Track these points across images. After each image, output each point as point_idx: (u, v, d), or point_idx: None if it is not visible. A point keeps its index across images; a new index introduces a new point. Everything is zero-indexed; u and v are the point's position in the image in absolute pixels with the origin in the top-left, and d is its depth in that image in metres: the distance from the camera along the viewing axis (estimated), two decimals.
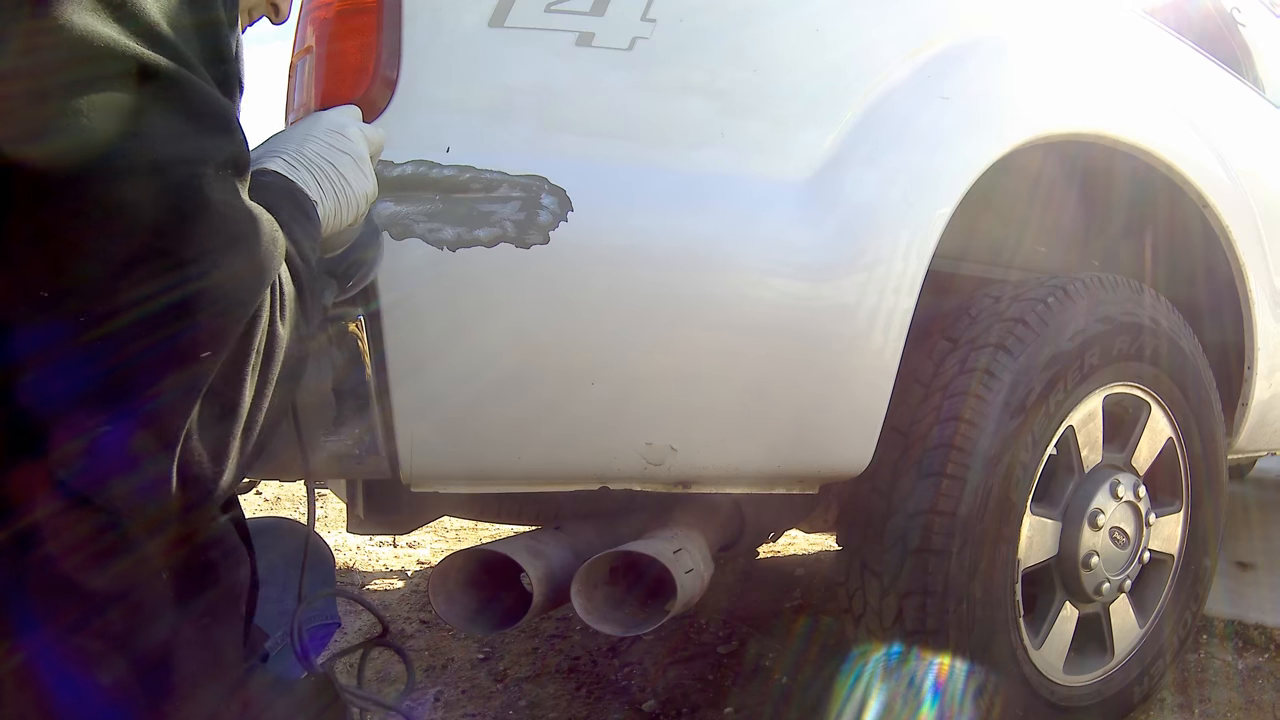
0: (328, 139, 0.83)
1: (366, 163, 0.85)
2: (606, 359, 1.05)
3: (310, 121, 0.85)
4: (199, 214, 0.54)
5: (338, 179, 0.81)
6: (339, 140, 0.83)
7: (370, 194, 0.85)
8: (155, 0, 0.55)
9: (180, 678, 0.59)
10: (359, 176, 0.84)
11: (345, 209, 0.83)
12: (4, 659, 0.53)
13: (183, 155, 0.53)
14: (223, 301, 0.55)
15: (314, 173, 0.80)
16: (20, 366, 0.50)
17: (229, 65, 0.62)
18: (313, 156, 0.81)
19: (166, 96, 0.53)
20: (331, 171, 0.81)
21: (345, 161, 0.83)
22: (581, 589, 1.16)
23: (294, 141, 0.82)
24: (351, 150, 0.84)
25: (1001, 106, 1.29)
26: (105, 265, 0.51)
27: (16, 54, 0.48)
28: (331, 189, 0.81)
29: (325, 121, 0.85)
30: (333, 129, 0.84)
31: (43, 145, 0.49)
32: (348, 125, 0.85)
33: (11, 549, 0.53)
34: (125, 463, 0.52)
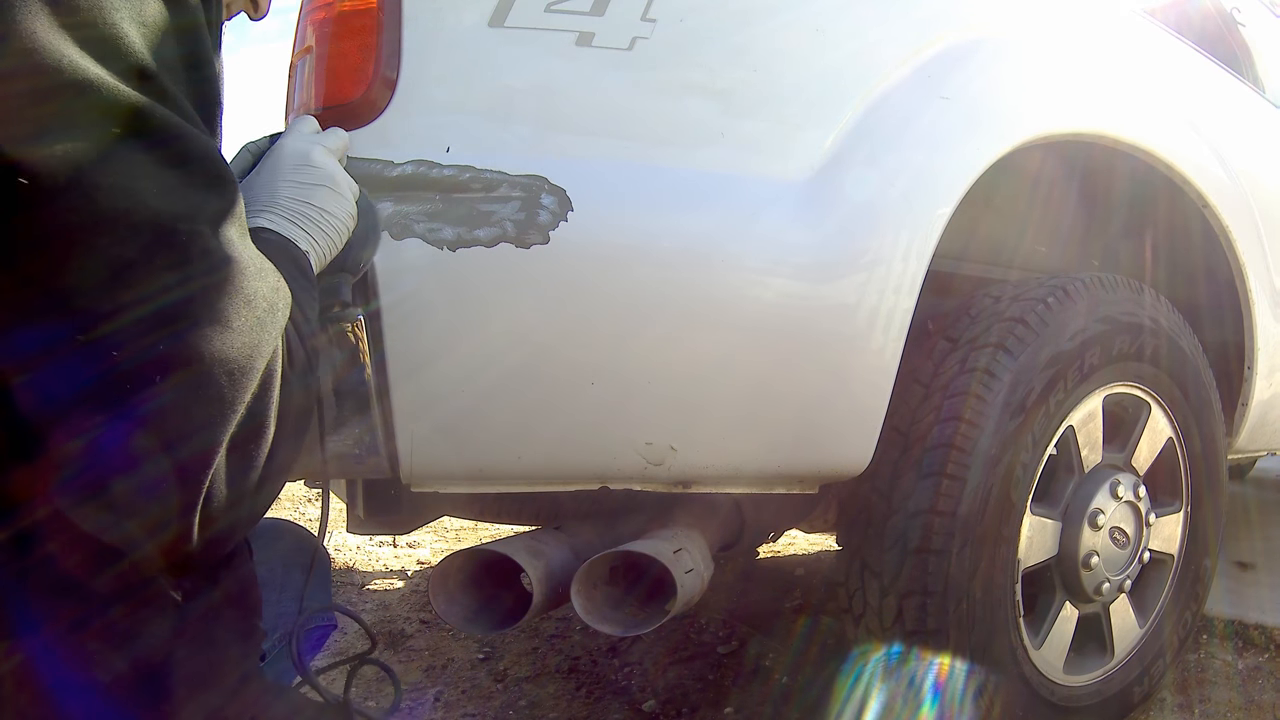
0: (296, 176, 0.81)
1: (341, 183, 0.84)
2: (606, 359, 1.05)
3: (274, 160, 0.83)
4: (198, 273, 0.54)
5: (319, 215, 0.81)
6: (307, 174, 0.82)
7: (351, 211, 0.85)
8: (138, 27, 0.54)
9: (180, 678, 0.59)
10: (337, 202, 0.83)
11: (335, 239, 0.82)
12: (4, 659, 0.53)
13: (177, 212, 0.53)
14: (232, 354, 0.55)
15: (297, 221, 0.79)
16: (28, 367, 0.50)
17: (208, 69, 0.61)
18: (288, 203, 0.80)
19: (158, 149, 0.53)
20: (311, 211, 0.80)
21: (320, 194, 0.81)
22: (581, 589, 1.16)
23: (266, 191, 0.80)
24: (322, 179, 0.82)
25: (1001, 106, 1.29)
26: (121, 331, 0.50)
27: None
28: (319, 229, 0.80)
29: (287, 156, 0.83)
30: (298, 163, 0.82)
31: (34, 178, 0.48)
32: (309, 151, 0.83)
33: (12, 549, 0.53)
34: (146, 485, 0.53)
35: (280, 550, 0.99)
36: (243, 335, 0.56)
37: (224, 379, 0.55)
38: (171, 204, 0.53)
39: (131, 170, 0.51)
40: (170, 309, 0.52)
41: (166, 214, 0.52)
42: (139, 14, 0.54)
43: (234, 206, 0.59)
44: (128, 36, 0.53)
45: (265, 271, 0.61)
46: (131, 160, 0.51)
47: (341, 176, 0.85)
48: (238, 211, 0.59)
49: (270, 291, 0.60)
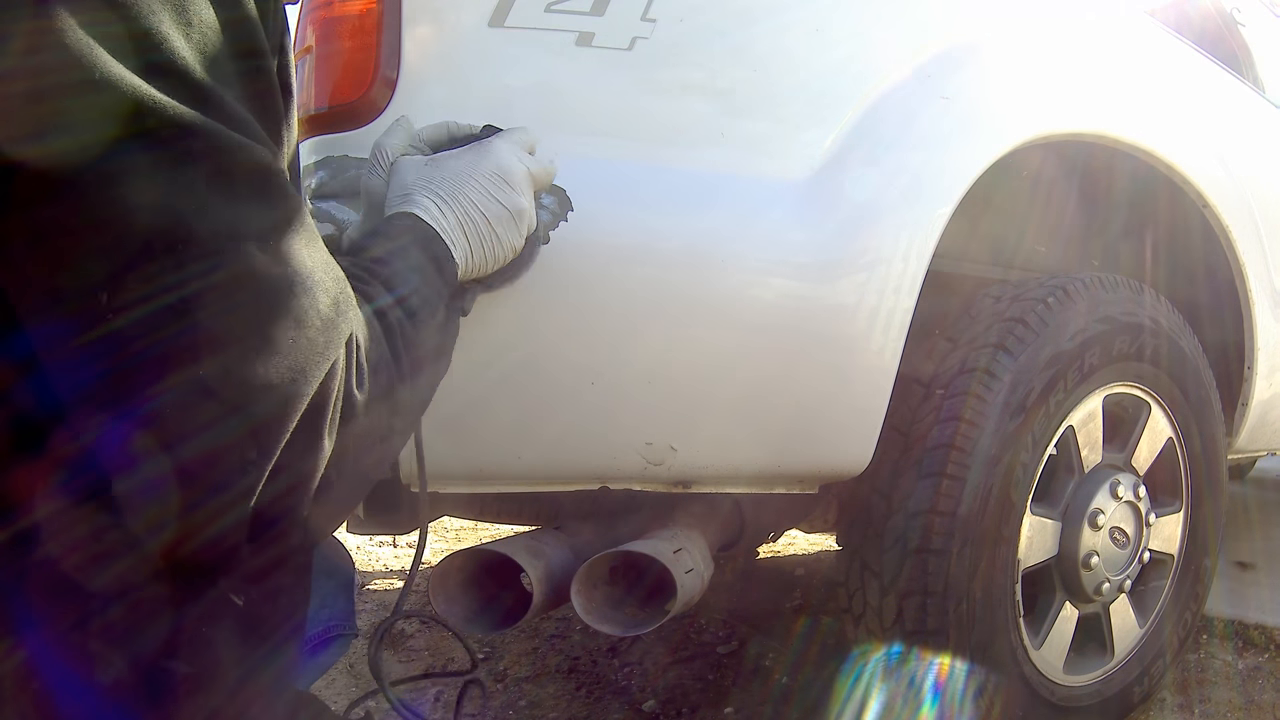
0: (490, 187, 0.79)
1: (524, 218, 0.82)
2: (606, 359, 1.05)
3: (478, 155, 0.82)
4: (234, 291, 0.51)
5: (488, 233, 0.79)
6: (501, 191, 0.80)
7: (518, 248, 0.83)
8: (181, 29, 0.50)
9: (180, 678, 0.59)
10: (511, 233, 0.80)
11: (489, 262, 0.80)
12: (4, 659, 0.53)
13: (215, 229, 0.50)
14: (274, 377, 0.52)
15: (464, 223, 0.77)
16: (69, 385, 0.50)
17: (265, 61, 0.57)
18: (467, 206, 0.78)
19: (199, 164, 0.49)
20: (483, 226, 0.78)
21: (501, 216, 0.80)
22: (581, 589, 1.16)
23: (451, 180, 0.78)
24: (510, 204, 0.80)
25: (1001, 106, 1.29)
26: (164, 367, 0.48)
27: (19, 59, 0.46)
28: (480, 244, 0.78)
29: (492, 162, 0.81)
30: (498, 175, 0.80)
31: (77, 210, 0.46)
32: (514, 169, 0.81)
33: (12, 549, 0.53)
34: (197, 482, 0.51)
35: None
36: (287, 357, 0.53)
37: (261, 401, 0.52)
38: (209, 220, 0.49)
39: (159, 186, 0.48)
40: (194, 333, 0.49)
41: (200, 231, 0.49)
42: (182, 15, 0.51)
43: (289, 219, 0.55)
44: (169, 39, 0.49)
45: (324, 286, 0.56)
46: (160, 175, 0.48)
47: (528, 211, 0.83)
48: (292, 224, 0.55)
49: (329, 307, 0.56)
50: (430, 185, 0.78)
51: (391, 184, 0.83)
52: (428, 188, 0.78)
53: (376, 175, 0.86)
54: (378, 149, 0.88)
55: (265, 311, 0.52)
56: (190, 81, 0.50)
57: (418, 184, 0.79)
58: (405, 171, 0.82)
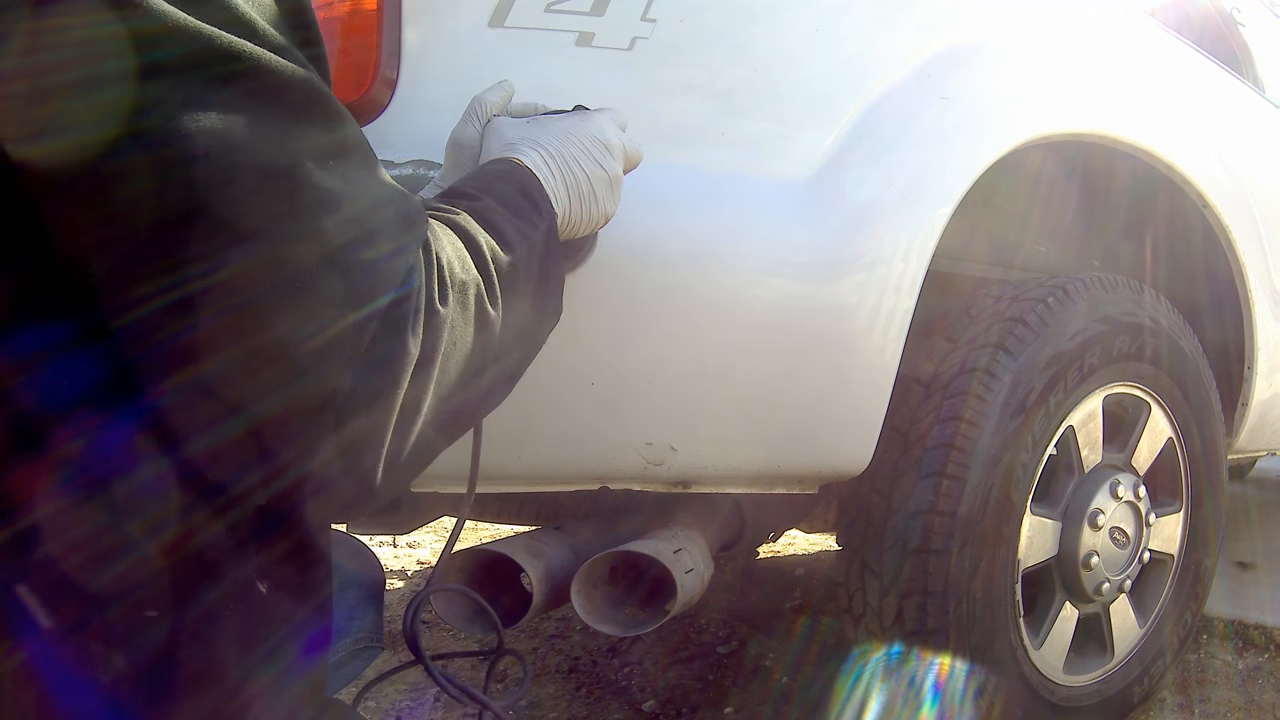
0: (592, 149, 0.81)
1: (619, 184, 0.83)
2: (606, 359, 1.05)
3: (579, 120, 0.83)
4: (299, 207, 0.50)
5: (589, 193, 0.80)
6: (602, 154, 0.81)
7: (611, 214, 0.84)
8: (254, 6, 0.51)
9: (180, 678, 0.59)
10: (608, 197, 0.82)
11: (584, 222, 0.81)
12: (4, 659, 0.53)
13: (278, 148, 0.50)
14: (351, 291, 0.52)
15: (566, 179, 0.78)
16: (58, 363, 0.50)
17: (319, 49, 0.59)
18: (570, 163, 0.79)
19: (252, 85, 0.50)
20: (585, 184, 0.79)
21: (601, 178, 0.81)
22: (581, 589, 1.16)
23: (556, 138, 0.79)
24: (610, 169, 0.82)
25: (1002, 106, 1.29)
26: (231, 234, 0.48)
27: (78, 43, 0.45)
28: (579, 201, 0.79)
29: (594, 127, 0.82)
30: (600, 140, 0.82)
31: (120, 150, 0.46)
32: (612, 139, 0.83)
33: (12, 549, 0.53)
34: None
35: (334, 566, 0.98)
36: (357, 272, 0.52)
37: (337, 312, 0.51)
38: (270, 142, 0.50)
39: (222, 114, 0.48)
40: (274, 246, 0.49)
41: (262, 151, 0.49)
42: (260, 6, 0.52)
43: (347, 140, 0.55)
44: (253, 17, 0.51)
45: (392, 199, 0.56)
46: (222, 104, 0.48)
47: (621, 182, 0.84)
48: (350, 146, 0.56)
49: (395, 222, 0.56)
50: (534, 140, 0.79)
51: (489, 139, 0.84)
52: (532, 142, 0.79)
53: (471, 127, 0.87)
54: (477, 102, 0.88)
55: (331, 226, 0.52)
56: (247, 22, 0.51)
57: (521, 139, 0.80)
58: (506, 129, 0.83)
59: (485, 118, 0.87)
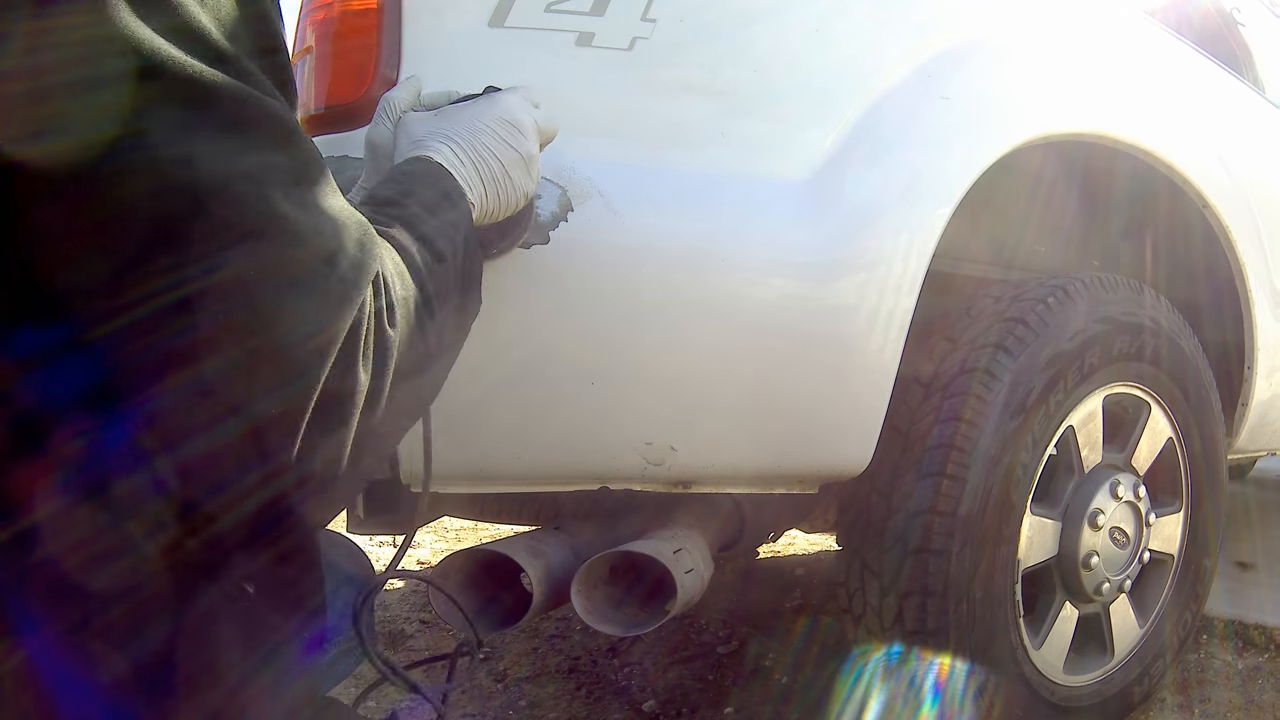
0: (501, 132, 0.81)
1: (535, 162, 0.84)
2: (607, 359, 1.05)
3: (487, 104, 0.84)
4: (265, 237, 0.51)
5: (503, 177, 0.80)
6: (512, 136, 0.82)
7: (530, 193, 0.85)
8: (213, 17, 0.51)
9: (180, 678, 0.59)
10: (524, 177, 0.83)
11: (502, 207, 0.82)
12: (4, 659, 0.53)
13: (243, 173, 0.50)
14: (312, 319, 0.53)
15: (479, 168, 0.79)
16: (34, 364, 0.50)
17: (280, 56, 0.59)
18: (481, 150, 0.79)
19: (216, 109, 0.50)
20: (498, 169, 0.80)
21: (514, 160, 0.81)
22: (581, 589, 1.16)
23: (465, 128, 0.80)
24: (522, 149, 0.82)
25: (1002, 106, 1.29)
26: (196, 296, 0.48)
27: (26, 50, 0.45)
28: (495, 187, 0.80)
29: (502, 109, 0.83)
30: (509, 122, 0.82)
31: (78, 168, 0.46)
32: (522, 117, 0.84)
33: (12, 549, 0.53)
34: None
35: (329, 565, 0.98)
36: (319, 300, 0.53)
37: (300, 345, 0.52)
38: (231, 167, 0.50)
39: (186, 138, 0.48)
40: (235, 277, 0.49)
41: (225, 177, 0.50)
42: (215, 9, 0.52)
43: (309, 167, 0.56)
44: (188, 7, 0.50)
45: (348, 228, 0.57)
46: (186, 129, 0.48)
47: (537, 159, 0.84)
48: (313, 172, 0.56)
49: (354, 249, 0.57)
50: (443, 133, 0.80)
51: (399, 138, 0.84)
52: (441, 135, 0.80)
53: (383, 127, 0.88)
54: (386, 101, 0.89)
55: (296, 255, 0.53)
56: (210, 44, 0.51)
57: (430, 134, 0.80)
58: (414, 124, 0.84)
59: (395, 116, 0.87)
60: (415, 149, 0.80)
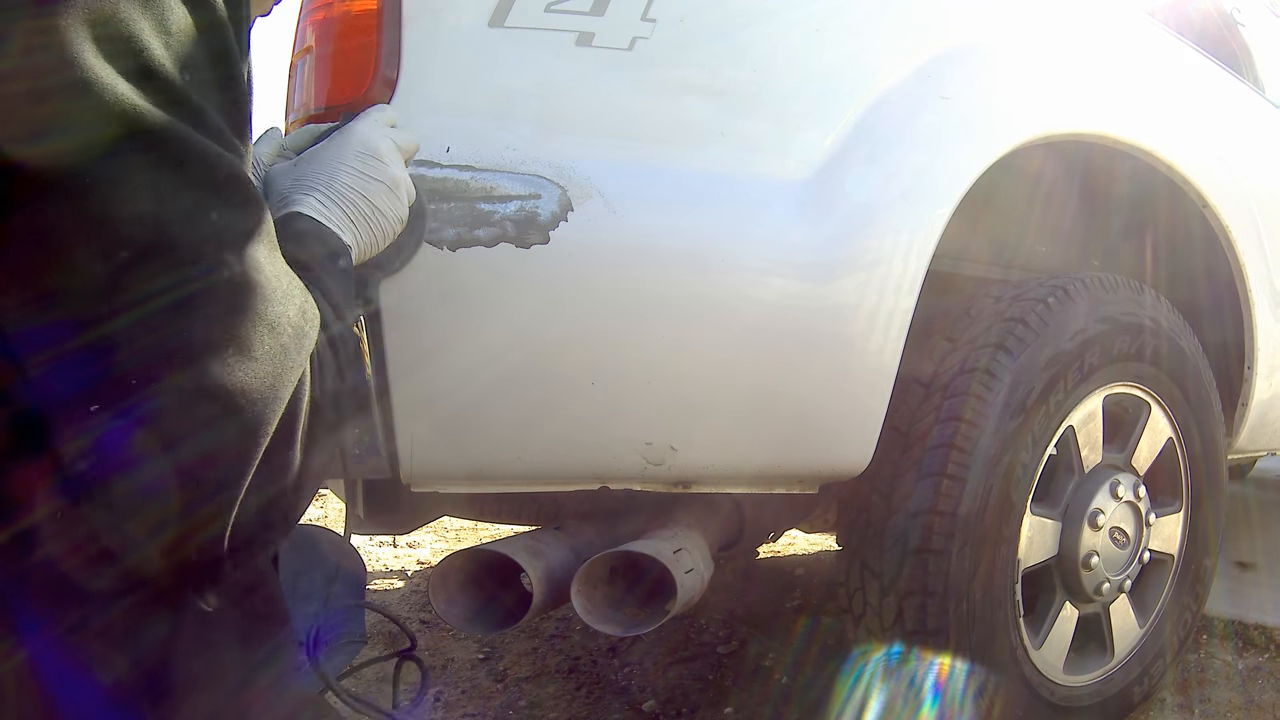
0: (360, 167, 0.81)
1: (401, 186, 0.84)
2: (606, 359, 1.05)
3: (342, 143, 0.83)
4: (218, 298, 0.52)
5: (370, 212, 0.80)
6: (372, 167, 0.82)
7: (403, 216, 0.84)
8: (161, 36, 0.51)
9: (180, 678, 0.59)
10: (393, 204, 0.82)
11: (379, 239, 0.82)
12: (4, 659, 0.53)
13: (200, 235, 0.51)
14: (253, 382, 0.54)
15: (346, 210, 0.79)
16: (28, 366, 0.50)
17: (236, 68, 0.59)
18: (345, 191, 0.79)
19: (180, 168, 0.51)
20: (364, 205, 0.80)
21: (378, 191, 0.81)
22: (581, 589, 1.16)
23: (325, 172, 0.80)
24: (384, 177, 0.82)
25: (1002, 107, 1.29)
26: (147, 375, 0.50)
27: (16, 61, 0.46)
28: (365, 224, 0.80)
29: (357, 143, 0.83)
30: (365, 153, 0.82)
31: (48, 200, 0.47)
32: (379, 144, 0.83)
33: (12, 549, 0.53)
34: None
35: (321, 563, 0.98)
36: (265, 364, 0.54)
37: (247, 408, 0.53)
38: (193, 228, 0.51)
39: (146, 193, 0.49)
40: (187, 337, 0.51)
41: (187, 238, 0.51)
42: (162, 23, 0.52)
43: (260, 227, 0.57)
44: (150, 46, 0.51)
45: (293, 294, 0.58)
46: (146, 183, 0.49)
47: (403, 179, 0.84)
48: (265, 231, 0.57)
49: (297, 315, 0.58)
50: (305, 182, 0.79)
51: (269, 194, 0.84)
52: (303, 185, 0.79)
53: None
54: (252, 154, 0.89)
55: (245, 317, 0.54)
56: (171, 89, 0.51)
57: (294, 186, 0.80)
58: (279, 179, 0.83)
59: (261, 172, 0.86)
60: (285, 206, 0.79)
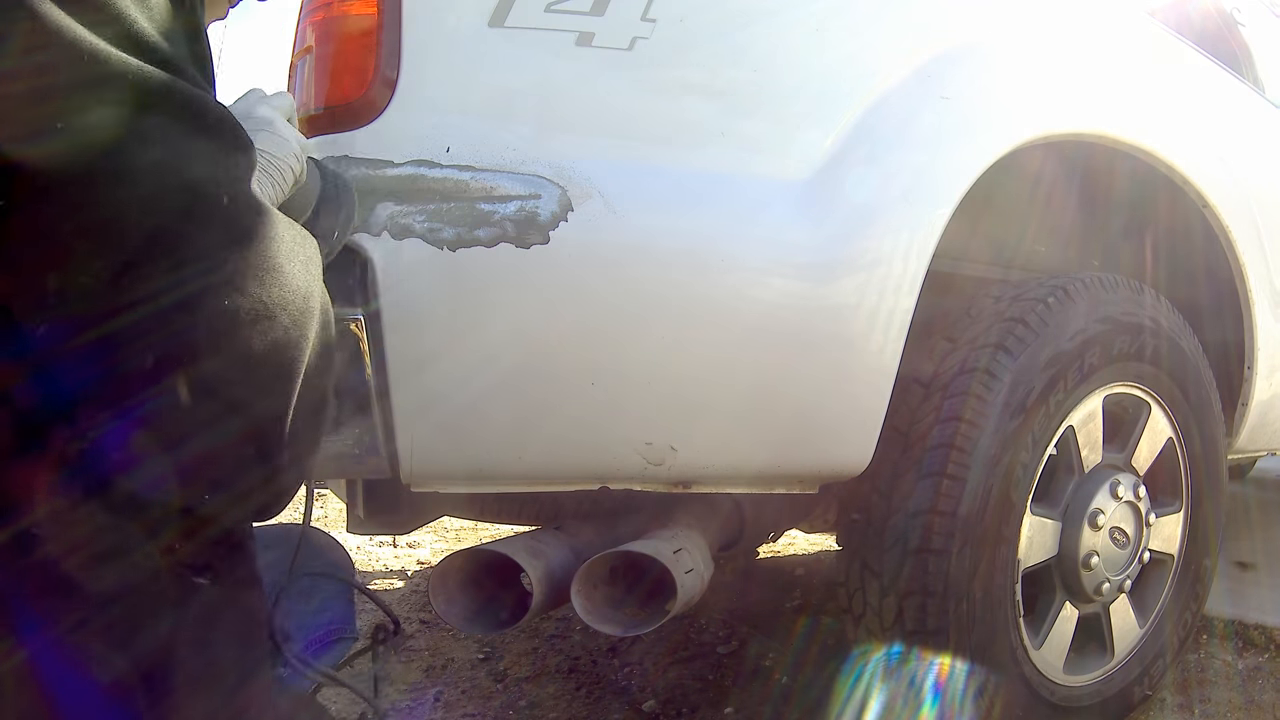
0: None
1: (279, 128, 0.84)
2: (607, 359, 1.05)
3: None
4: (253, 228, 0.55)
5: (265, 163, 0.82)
6: (248, 123, 0.82)
7: (295, 153, 0.84)
8: (145, 11, 0.55)
9: (180, 678, 0.59)
10: (276, 144, 0.82)
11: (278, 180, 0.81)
12: (4, 659, 0.53)
13: (216, 176, 0.54)
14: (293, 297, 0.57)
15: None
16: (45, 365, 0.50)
17: (205, 45, 0.64)
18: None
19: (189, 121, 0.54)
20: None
21: (260, 138, 0.81)
22: (581, 589, 1.16)
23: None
24: (260, 125, 0.82)
25: (1002, 107, 1.29)
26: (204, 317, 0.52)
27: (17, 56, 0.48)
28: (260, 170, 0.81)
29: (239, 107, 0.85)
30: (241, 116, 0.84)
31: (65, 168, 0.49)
32: (252, 107, 0.85)
33: (12, 549, 0.53)
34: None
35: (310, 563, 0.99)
36: (297, 278, 0.58)
37: (290, 322, 0.56)
38: (213, 170, 0.54)
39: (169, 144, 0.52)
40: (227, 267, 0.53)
41: (211, 180, 0.54)
42: (151, 16, 0.55)
43: (255, 160, 0.61)
44: (136, 20, 0.54)
45: (300, 241, 0.62)
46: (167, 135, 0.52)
47: (282, 125, 0.85)
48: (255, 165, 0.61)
49: (301, 235, 0.62)
50: None
51: None
52: None
53: None
54: None
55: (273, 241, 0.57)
56: (160, 54, 0.54)
57: None
58: None
59: None
60: None
